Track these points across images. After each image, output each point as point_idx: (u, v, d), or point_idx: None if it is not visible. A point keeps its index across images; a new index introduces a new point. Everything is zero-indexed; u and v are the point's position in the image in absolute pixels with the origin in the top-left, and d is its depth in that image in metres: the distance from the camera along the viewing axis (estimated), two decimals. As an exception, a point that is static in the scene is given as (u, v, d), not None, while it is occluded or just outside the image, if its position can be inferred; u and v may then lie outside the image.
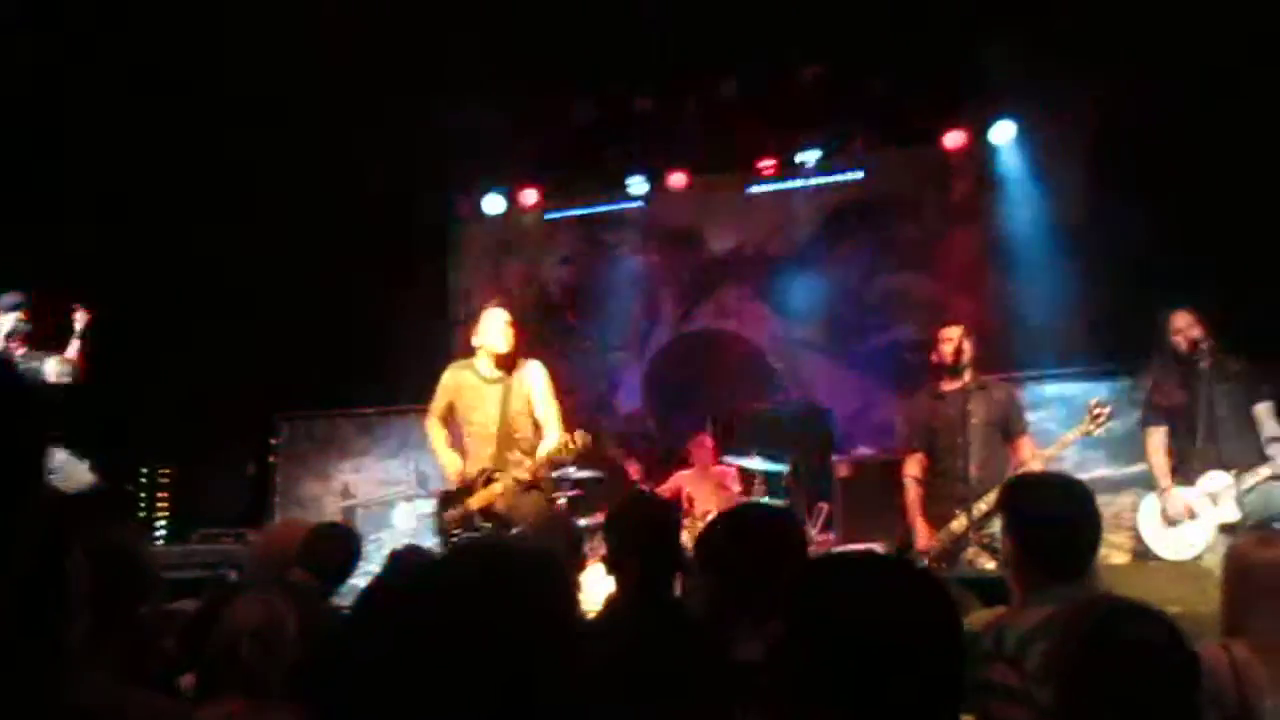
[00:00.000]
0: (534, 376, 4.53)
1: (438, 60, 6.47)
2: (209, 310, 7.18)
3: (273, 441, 7.53)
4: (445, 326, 8.64)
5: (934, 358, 4.73)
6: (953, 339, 4.62)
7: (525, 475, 4.29)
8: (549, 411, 4.45)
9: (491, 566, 1.16)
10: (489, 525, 4.33)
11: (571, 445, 4.22)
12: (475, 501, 4.38)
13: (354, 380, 7.52)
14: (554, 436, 4.34)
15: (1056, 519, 2.06)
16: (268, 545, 3.26)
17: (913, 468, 4.70)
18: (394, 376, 7.58)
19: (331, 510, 7.43)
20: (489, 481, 4.38)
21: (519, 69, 6.78)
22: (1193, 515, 4.42)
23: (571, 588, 1.23)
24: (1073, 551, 2.05)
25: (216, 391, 6.54)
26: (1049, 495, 2.11)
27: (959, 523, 4.36)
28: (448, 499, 4.56)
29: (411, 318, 7.93)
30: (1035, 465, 4.35)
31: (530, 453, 4.38)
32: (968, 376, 4.57)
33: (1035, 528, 2.07)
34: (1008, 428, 4.54)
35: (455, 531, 4.42)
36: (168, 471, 7.65)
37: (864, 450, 6.63)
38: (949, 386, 4.63)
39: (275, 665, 2.25)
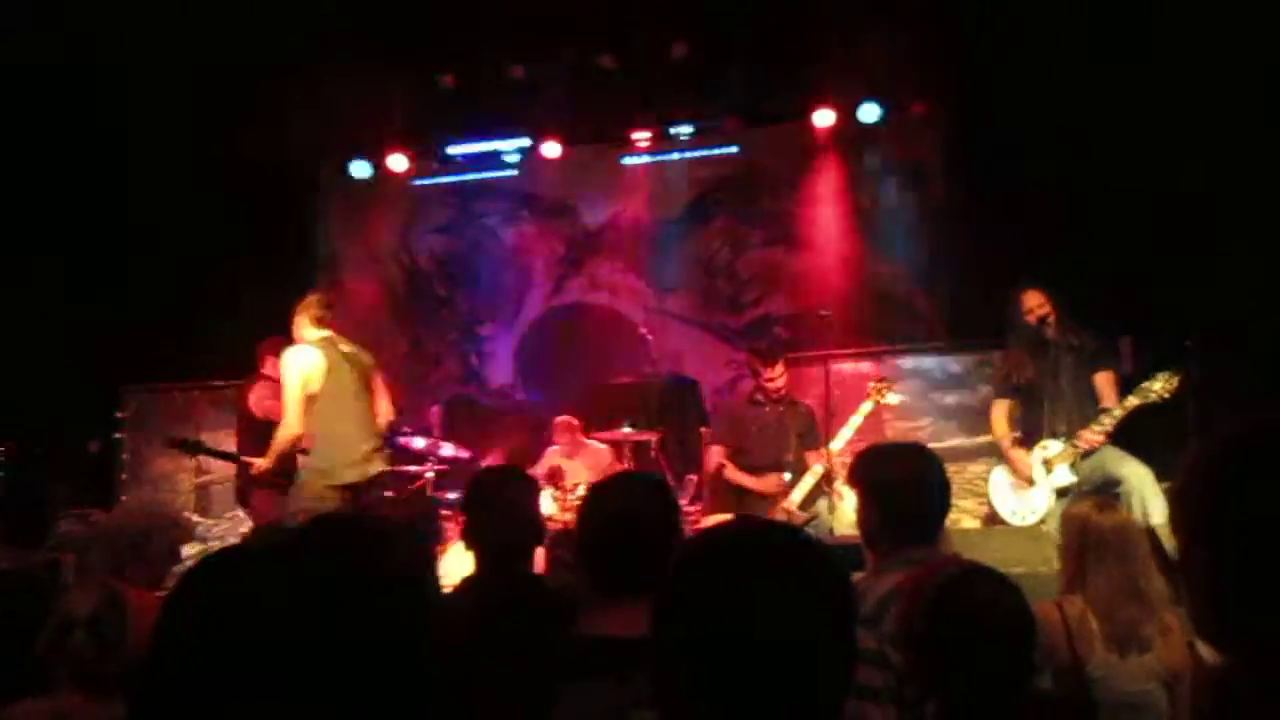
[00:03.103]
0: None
1: (304, 20, 6.19)
2: (49, 275, 6.68)
3: (118, 415, 7.07)
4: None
5: (759, 382, 5.32)
6: (774, 378, 5.22)
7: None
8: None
9: (342, 543, 1.09)
10: None
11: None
12: None
13: (207, 350, 7.15)
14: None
15: (909, 485, 2.14)
16: (114, 528, 3.03)
17: (718, 457, 5.32)
18: (251, 346, 7.23)
19: (185, 488, 7.07)
20: None
21: (388, 32, 6.55)
22: (1031, 482, 4.68)
23: (429, 562, 1.16)
24: (925, 516, 2.13)
25: (56, 361, 6.10)
26: (902, 463, 2.19)
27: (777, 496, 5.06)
28: None
29: (272, 286, 7.58)
30: (820, 467, 5.04)
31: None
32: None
33: (889, 494, 2.14)
34: (805, 443, 5.23)
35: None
36: (1, 448, 7.11)
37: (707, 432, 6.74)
38: (764, 398, 5.32)
39: (113, 659, 2.10)
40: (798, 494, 5.08)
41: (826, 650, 1.06)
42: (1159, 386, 4.34)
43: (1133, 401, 4.40)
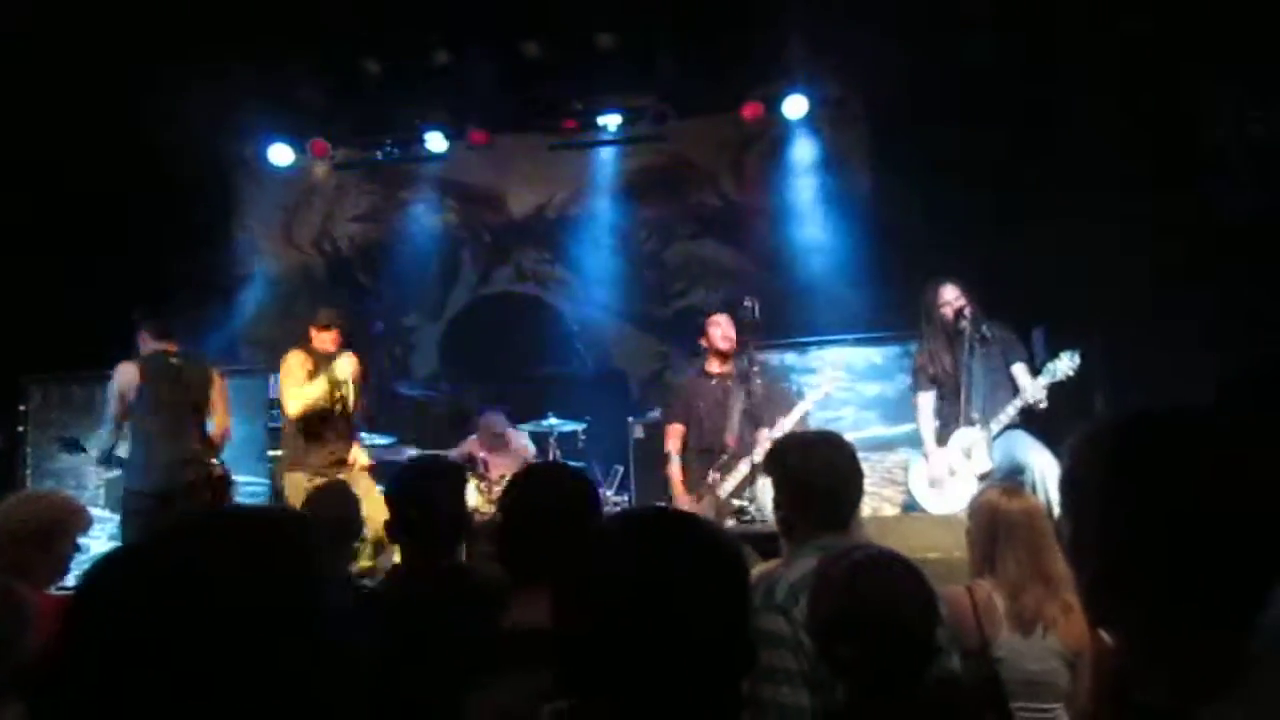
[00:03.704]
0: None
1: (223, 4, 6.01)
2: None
3: (21, 408, 6.79)
4: (228, 282, 8.10)
5: (703, 342, 5.19)
6: (720, 325, 5.09)
7: None
8: None
9: (212, 539, 1.06)
10: None
11: None
12: None
13: (112, 340, 6.90)
14: None
15: (822, 473, 2.17)
16: (16, 523, 2.89)
17: (673, 441, 5.16)
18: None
19: (93, 483, 6.83)
20: None
21: (310, 17, 6.39)
22: (952, 472, 4.80)
23: (313, 553, 1.12)
24: (838, 503, 2.16)
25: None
26: (815, 452, 2.22)
27: (712, 496, 4.90)
28: None
29: (185, 274, 7.37)
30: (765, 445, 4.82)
31: None
32: (732, 364, 5.10)
33: (803, 482, 2.17)
34: (758, 418, 5.03)
35: None
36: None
37: (659, 413, 6.76)
38: (718, 369, 5.14)
39: (6, 660, 2.02)
40: (730, 482, 4.98)
41: (716, 634, 1.08)
42: (1064, 365, 4.52)
43: (1042, 382, 4.56)
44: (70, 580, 3.00)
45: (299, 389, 4.92)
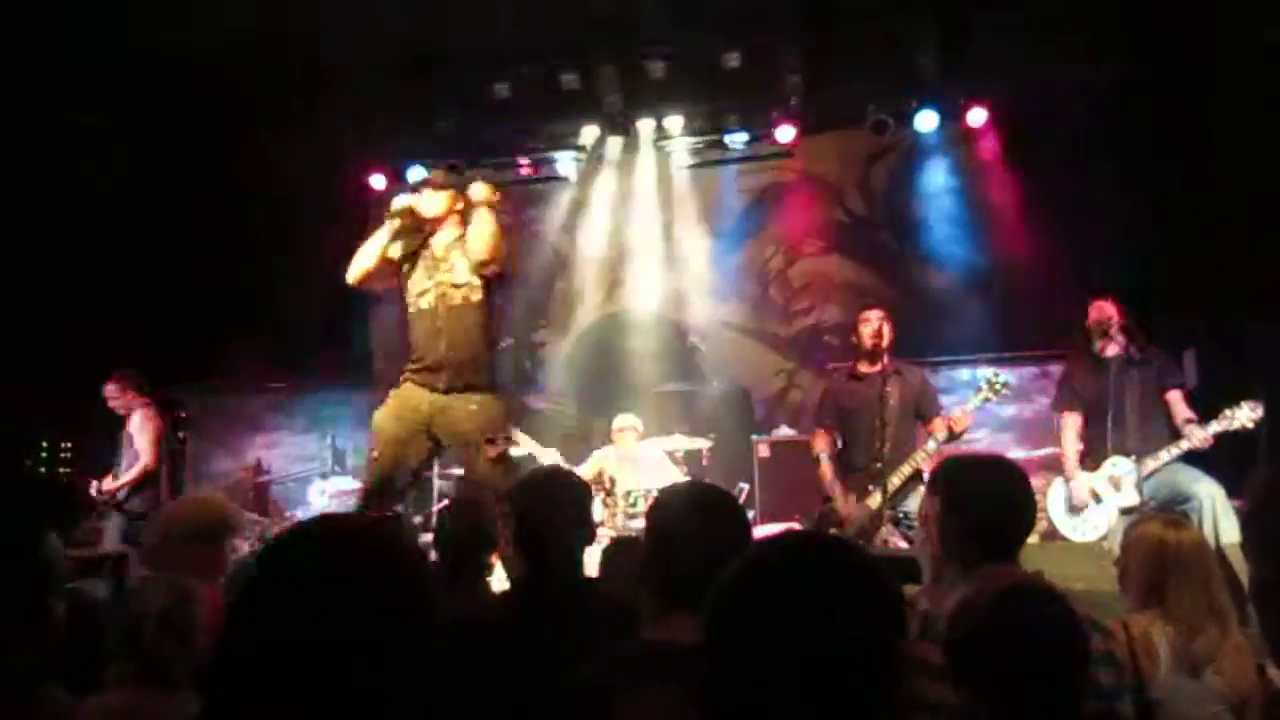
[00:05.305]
0: None
1: (360, 29, 6.31)
2: (107, 280, 6.88)
3: (182, 415, 7.25)
4: (362, 301, 8.44)
5: (854, 340, 4.89)
6: (872, 322, 4.77)
7: None
8: None
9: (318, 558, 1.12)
10: None
11: None
12: None
13: (265, 354, 7.30)
14: None
15: (994, 499, 2.06)
16: (173, 522, 3.10)
17: (821, 443, 4.85)
18: (308, 352, 7.37)
19: (245, 487, 7.23)
20: None
21: (438, 41, 6.65)
22: (1096, 499, 4.57)
23: (422, 574, 1.18)
24: (1010, 531, 2.07)
25: (119, 361, 6.27)
26: (989, 476, 2.11)
27: (874, 500, 4.50)
28: None
29: (327, 293, 7.71)
30: (942, 434, 4.54)
31: None
32: (885, 361, 4.73)
33: (974, 508, 2.06)
34: (921, 411, 4.76)
35: None
36: (69, 445, 7.35)
37: (784, 431, 6.72)
38: (867, 369, 4.80)
39: (182, 653, 2.14)
40: (890, 487, 4.45)
41: (871, 666, 1.08)
42: (1243, 415, 4.22)
43: (1215, 429, 4.29)
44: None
45: None
